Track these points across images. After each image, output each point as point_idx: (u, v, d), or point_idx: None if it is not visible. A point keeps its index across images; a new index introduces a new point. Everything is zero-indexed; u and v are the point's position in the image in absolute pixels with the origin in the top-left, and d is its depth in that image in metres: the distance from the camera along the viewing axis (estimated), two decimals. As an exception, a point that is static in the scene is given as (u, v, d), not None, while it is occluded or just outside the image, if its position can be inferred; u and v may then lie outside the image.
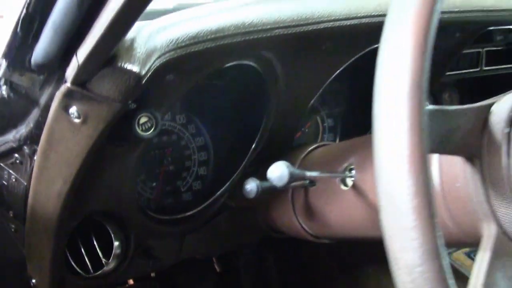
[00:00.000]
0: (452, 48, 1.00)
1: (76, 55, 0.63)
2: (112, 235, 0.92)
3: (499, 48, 1.09)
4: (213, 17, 0.74)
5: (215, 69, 0.80)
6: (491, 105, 0.52)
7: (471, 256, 1.11)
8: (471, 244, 0.57)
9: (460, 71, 1.11)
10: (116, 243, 0.92)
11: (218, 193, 0.98)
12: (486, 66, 1.12)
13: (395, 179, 0.39)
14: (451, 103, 1.22)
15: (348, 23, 0.80)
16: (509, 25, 0.95)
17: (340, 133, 1.16)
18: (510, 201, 0.49)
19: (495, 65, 1.13)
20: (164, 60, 0.68)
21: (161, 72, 0.69)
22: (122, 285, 1.21)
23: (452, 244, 0.69)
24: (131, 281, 1.22)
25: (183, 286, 1.30)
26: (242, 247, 1.29)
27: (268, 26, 0.75)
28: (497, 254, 0.48)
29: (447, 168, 0.55)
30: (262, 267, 1.34)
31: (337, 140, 1.16)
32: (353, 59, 0.89)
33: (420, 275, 0.38)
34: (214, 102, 0.99)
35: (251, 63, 0.82)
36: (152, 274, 1.24)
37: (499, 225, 0.50)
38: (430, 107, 0.44)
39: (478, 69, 1.12)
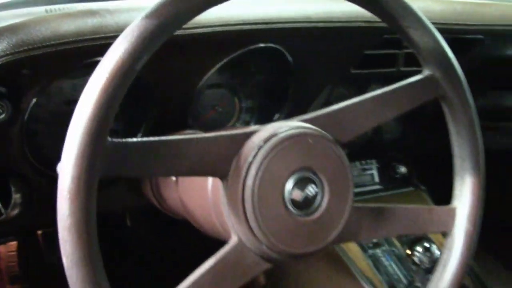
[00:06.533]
0: (352, 50, 1.04)
1: None
2: (12, 187, 0.88)
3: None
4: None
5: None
6: (252, 132, 0.58)
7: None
8: None
9: (378, 70, 1.13)
10: (15, 195, 0.89)
11: None
12: (404, 67, 1.13)
13: (63, 199, 0.47)
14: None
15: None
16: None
17: (258, 115, 1.14)
18: (242, 219, 0.56)
19: (414, 67, 1.13)
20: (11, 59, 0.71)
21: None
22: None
23: None
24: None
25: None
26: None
27: None
28: (231, 261, 0.57)
29: (215, 188, 0.63)
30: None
31: (253, 123, 1.13)
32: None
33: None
34: None
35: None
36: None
37: (239, 238, 0.58)
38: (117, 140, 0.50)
39: (394, 69, 1.13)
